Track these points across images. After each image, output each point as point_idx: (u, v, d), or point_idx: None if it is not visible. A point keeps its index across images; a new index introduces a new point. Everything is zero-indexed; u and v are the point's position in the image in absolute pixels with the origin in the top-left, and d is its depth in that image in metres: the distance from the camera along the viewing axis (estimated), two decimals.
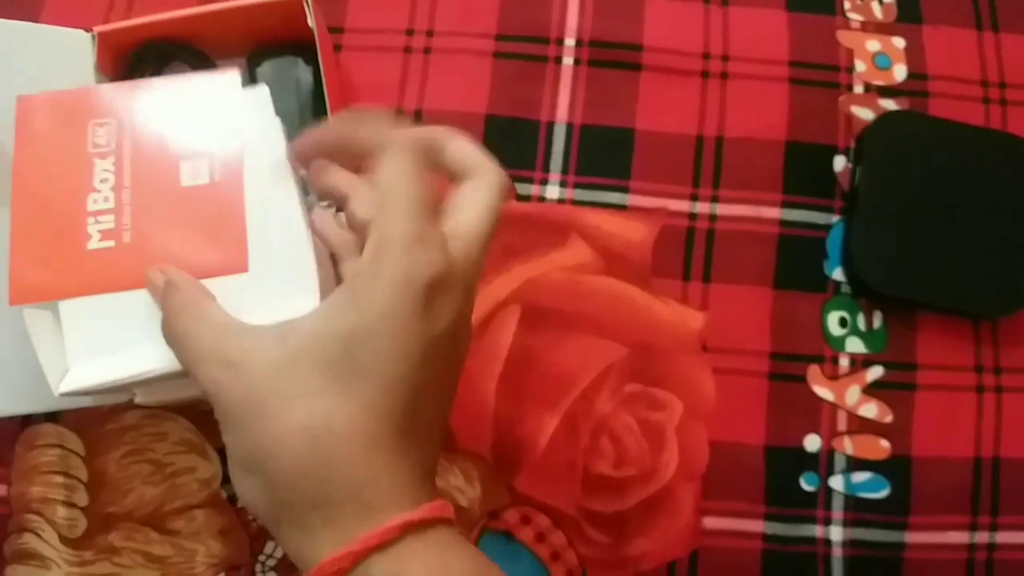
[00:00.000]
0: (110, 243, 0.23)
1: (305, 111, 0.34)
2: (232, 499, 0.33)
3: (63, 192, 0.24)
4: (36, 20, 0.38)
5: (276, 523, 0.20)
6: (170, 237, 0.23)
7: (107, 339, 0.23)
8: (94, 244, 0.23)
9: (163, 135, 0.25)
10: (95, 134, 0.25)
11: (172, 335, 0.21)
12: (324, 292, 0.24)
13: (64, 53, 0.32)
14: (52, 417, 0.34)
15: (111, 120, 0.25)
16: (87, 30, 0.32)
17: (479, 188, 0.22)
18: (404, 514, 0.19)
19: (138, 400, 0.28)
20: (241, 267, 0.23)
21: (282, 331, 0.20)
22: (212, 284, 0.23)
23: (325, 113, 0.33)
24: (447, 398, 0.22)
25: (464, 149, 0.22)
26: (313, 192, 0.24)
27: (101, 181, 0.24)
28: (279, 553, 0.33)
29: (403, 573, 0.19)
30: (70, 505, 0.33)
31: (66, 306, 0.24)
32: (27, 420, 0.34)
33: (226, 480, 0.33)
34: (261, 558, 0.33)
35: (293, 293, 0.23)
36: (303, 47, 0.34)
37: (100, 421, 0.34)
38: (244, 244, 0.24)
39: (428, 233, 0.20)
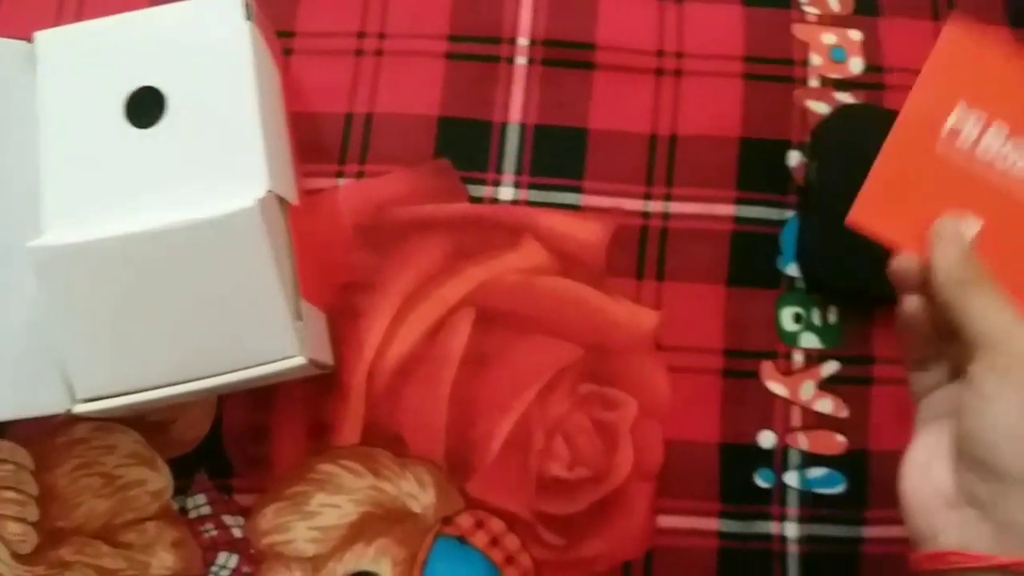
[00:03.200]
0: None
1: None
2: (183, 511, 0.33)
3: None
4: None
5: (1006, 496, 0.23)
6: None
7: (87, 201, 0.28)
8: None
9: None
10: None
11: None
12: (282, 186, 0.29)
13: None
14: (0, 432, 0.33)
15: None
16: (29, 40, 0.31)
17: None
18: None
19: (77, 410, 0.27)
20: None
21: None
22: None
23: None
24: None
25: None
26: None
27: None
28: (232, 563, 0.33)
29: None
30: (21, 520, 0.33)
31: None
32: None
33: (177, 492, 0.33)
34: (214, 569, 0.33)
35: (243, 182, 0.28)
36: None
37: (50, 435, 0.33)
38: None
39: None
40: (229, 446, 0.34)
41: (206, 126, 0.29)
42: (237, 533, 0.33)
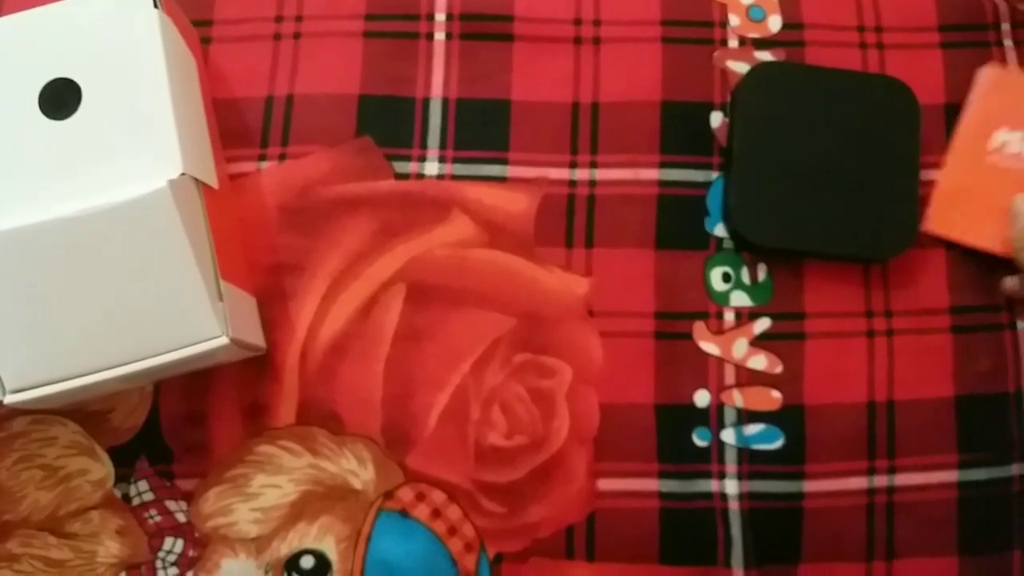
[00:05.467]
0: None
1: None
2: (127, 498, 0.34)
3: None
4: None
5: None
6: None
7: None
8: None
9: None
10: None
11: None
12: (198, 169, 0.30)
13: None
14: None
15: None
16: None
17: None
18: None
19: (8, 401, 0.28)
20: None
21: None
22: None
23: None
24: None
25: None
26: None
27: None
28: (179, 548, 0.34)
29: None
30: None
31: None
32: None
33: (119, 480, 0.34)
34: (161, 554, 0.34)
35: (157, 166, 0.28)
36: None
37: None
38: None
39: None
40: (168, 432, 0.34)
41: (120, 114, 0.30)
42: (181, 518, 0.34)
